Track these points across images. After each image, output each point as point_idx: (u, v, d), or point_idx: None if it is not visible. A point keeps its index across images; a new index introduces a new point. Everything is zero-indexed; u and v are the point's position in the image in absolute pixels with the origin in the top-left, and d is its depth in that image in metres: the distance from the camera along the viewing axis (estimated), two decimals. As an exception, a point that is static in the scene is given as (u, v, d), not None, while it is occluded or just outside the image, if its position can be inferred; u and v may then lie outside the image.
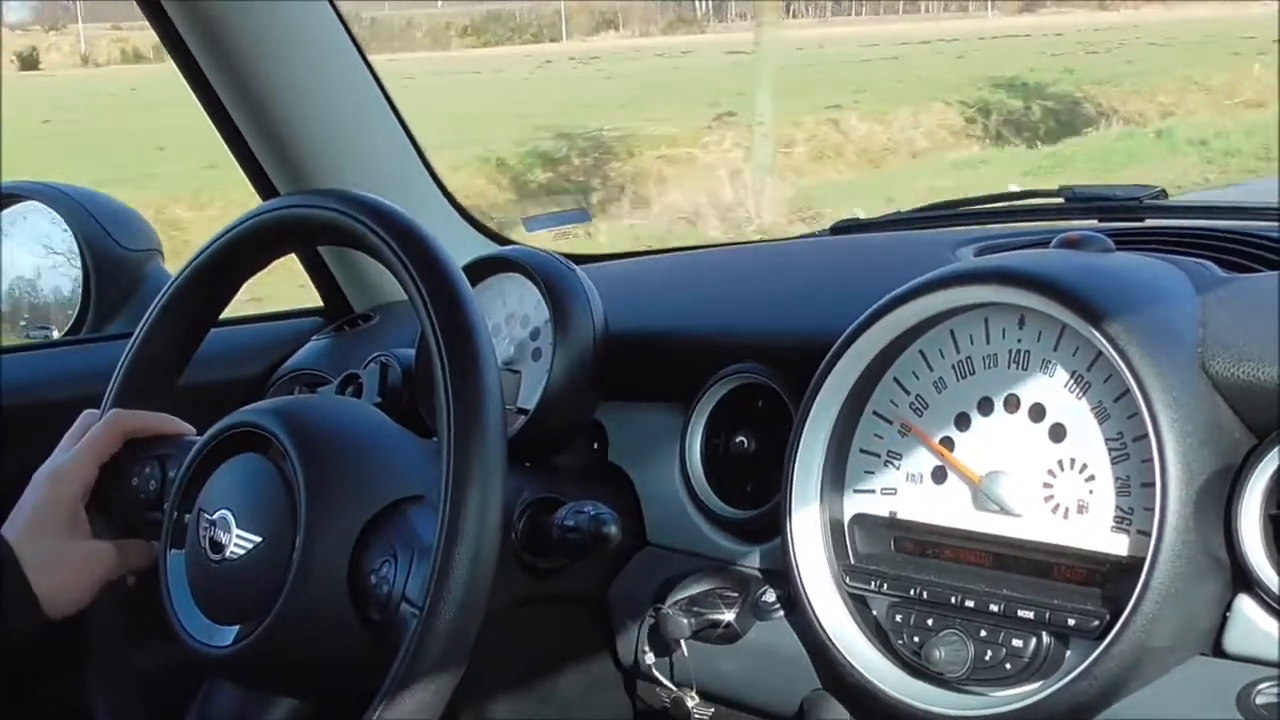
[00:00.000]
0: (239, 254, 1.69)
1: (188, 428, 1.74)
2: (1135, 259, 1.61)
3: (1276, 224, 1.89)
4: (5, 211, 2.45)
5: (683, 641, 1.69)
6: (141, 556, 1.69)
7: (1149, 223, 2.04)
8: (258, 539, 1.50)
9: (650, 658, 1.74)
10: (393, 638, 1.41)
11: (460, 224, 2.47)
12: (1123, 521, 1.44)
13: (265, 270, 1.73)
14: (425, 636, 1.37)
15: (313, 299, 2.50)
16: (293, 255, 1.94)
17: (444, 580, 1.37)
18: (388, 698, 1.37)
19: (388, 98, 2.34)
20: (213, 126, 2.30)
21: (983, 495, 1.52)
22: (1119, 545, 1.43)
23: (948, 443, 1.56)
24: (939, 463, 1.57)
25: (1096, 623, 1.41)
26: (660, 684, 1.74)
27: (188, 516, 1.57)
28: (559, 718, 1.95)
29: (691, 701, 1.73)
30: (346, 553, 1.47)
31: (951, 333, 1.57)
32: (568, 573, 1.76)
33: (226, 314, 1.78)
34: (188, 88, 2.25)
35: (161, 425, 1.73)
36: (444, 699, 1.39)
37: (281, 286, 2.70)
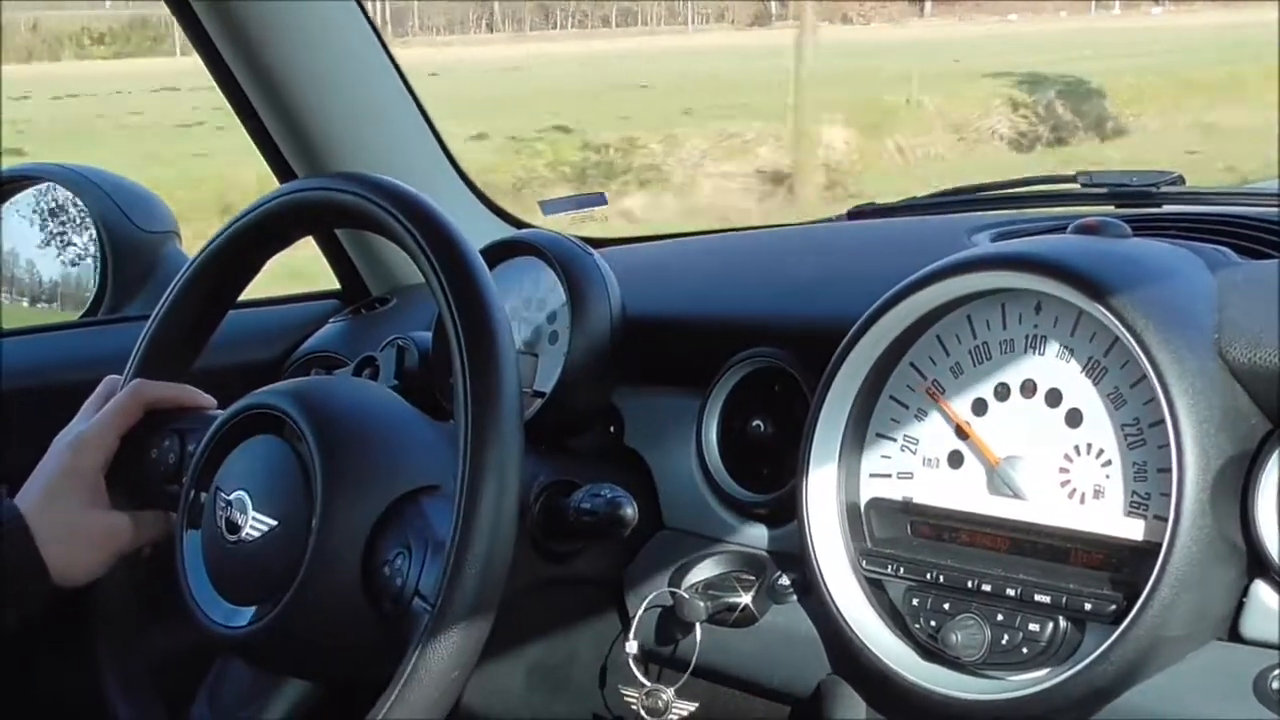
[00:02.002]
0: (257, 237, 1.69)
1: (209, 400, 1.74)
2: (1152, 245, 1.61)
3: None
4: (23, 194, 2.46)
5: (697, 624, 1.69)
6: (157, 528, 1.69)
7: (1166, 209, 2.04)
8: (274, 523, 1.50)
9: (634, 648, 1.73)
10: (404, 631, 1.40)
11: (477, 207, 2.47)
12: (1139, 507, 1.44)
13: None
14: (435, 635, 1.36)
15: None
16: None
17: (456, 579, 1.36)
18: (395, 694, 1.36)
19: (405, 82, 2.34)
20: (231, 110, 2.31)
21: (999, 480, 1.53)
22: (1135, 530, 1.43)
23: (964, 428, 1.57)
24: (956, 447, 1.57)
25: (1113, 608, 1.41)
26: (637, 683, 1.74)
27: (204, 495, 1.58)
28: (573, 703, 1.96)
29: (666, 696, 1.73)
30: (361, 542, 1.47)
31: (968, 318, 1.57)
32: (583, 556, 1.77)
33: (244, 296, 1.78)
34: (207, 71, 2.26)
35: (183, 397, 1.73)
36: (452, 698, 1.39)
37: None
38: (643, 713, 1.74)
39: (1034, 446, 1.52)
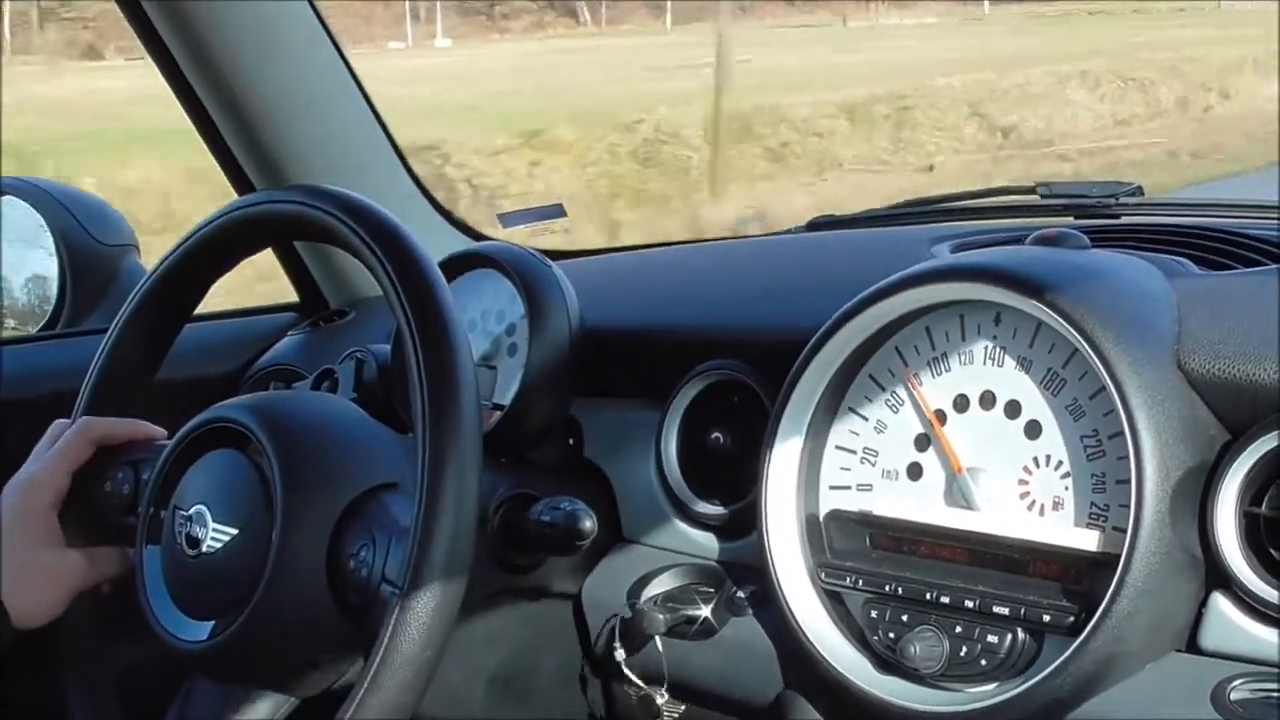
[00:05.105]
0: (213, 250, 1.68)
1: (159, 431, 1.73)
2: (1111, 256, 1.61)
3: (1251, 221, 1.89)
4: (-21, 207, 2.44)
5: (658, 637, 1.69)
6: (115, 563, 1.67)
7: (1124, 220, 2.04)
8: (234, 531, 1.50)
9: (623, 654, 1.74)
10: (373, 621, 1.40)
11: (436, 220, 2.47)
12: (1098, 518, 1.44)
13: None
14: (405, 616, 1.36)
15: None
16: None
17: (423, 557, 1.37)
18: (370, 679, 1.36)
19: (364, 94, 2.34)
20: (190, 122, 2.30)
21: (958, 491, 1.53)
22: (1094, 542, 1.43)
23: (922, 441, 1.57)
24: (915, 459, 1.57)
25: (1071, 619, 1.41)
26: (630, 682, 1.74)
27: (163, 513, 1.57)
28: (535, 714, 1.95)
29: (661, 699, 1.73)
30: (324, 541, 1.47)
31: (927, 329, 1.57)
32: (543, 569, 1.76)
33: (200, 310, 1.77)
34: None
35: (132, 431, 1.71)
36: (426, 678, 1.38)
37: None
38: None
39: (993, 458, 1.52)
